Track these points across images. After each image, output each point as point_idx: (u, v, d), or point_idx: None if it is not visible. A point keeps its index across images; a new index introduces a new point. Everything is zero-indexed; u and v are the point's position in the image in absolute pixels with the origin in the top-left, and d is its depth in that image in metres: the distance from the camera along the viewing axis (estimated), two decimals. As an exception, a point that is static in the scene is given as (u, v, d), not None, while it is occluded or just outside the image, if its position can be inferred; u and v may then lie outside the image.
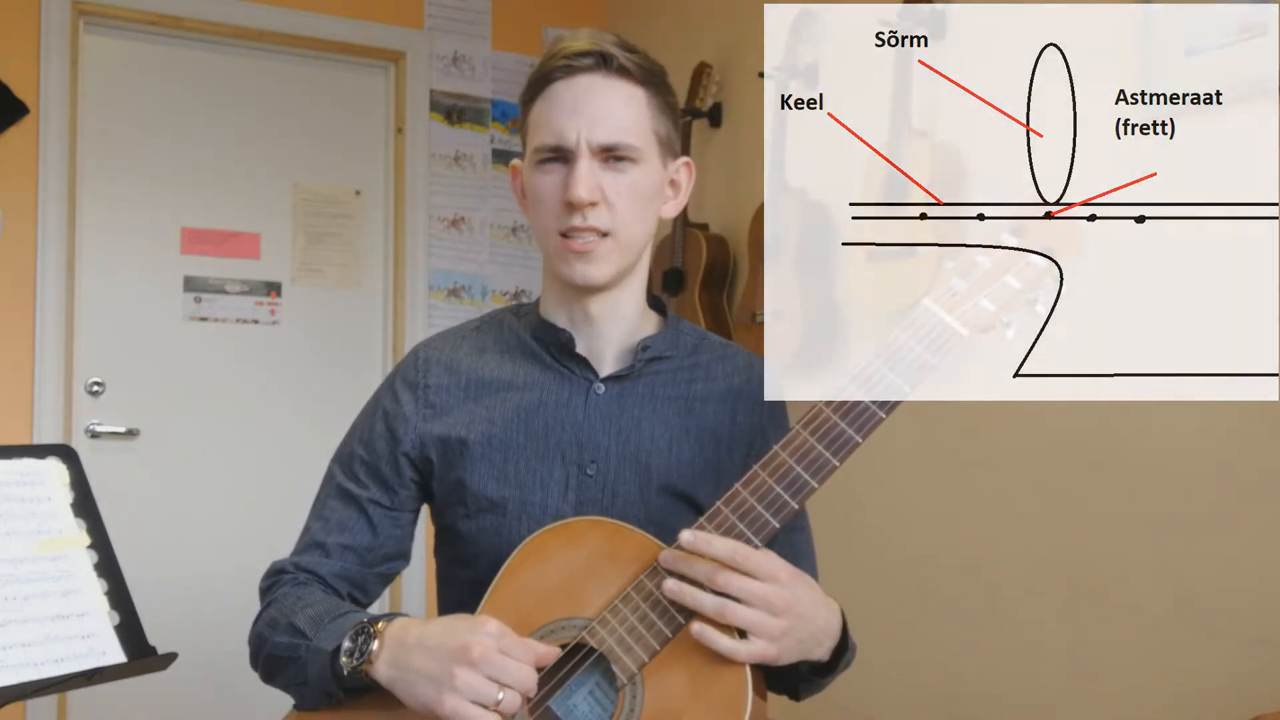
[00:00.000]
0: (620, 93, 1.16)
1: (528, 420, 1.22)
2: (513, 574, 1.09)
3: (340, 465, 1.28)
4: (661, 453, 1.21)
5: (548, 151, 1.17)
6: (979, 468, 2.30)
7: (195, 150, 3.32)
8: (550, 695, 1.06)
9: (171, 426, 3.24)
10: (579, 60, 1.16)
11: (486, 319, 1.33)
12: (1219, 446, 1.87)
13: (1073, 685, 2.08)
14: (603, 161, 1.16)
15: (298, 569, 1.22)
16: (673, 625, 1.02)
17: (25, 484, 1.14)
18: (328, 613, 1.11)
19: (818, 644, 1.07)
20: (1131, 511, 2.00)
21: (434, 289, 3.54)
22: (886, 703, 2.44)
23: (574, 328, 1.24)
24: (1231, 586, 1.84)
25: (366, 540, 1.24)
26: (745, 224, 2.91)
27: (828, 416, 1.03)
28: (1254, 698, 1.76)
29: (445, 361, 1.27)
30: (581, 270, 1.18)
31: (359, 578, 1.24)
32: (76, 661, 1.05)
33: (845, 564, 2.45)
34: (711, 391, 1.25)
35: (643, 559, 1.05)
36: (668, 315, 1.30)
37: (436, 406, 1.24)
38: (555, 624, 1.06)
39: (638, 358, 1.23)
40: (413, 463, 1.25)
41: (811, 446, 1.02)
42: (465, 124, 3.63)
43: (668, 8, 3.48)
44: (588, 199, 1.14)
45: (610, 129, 1.15)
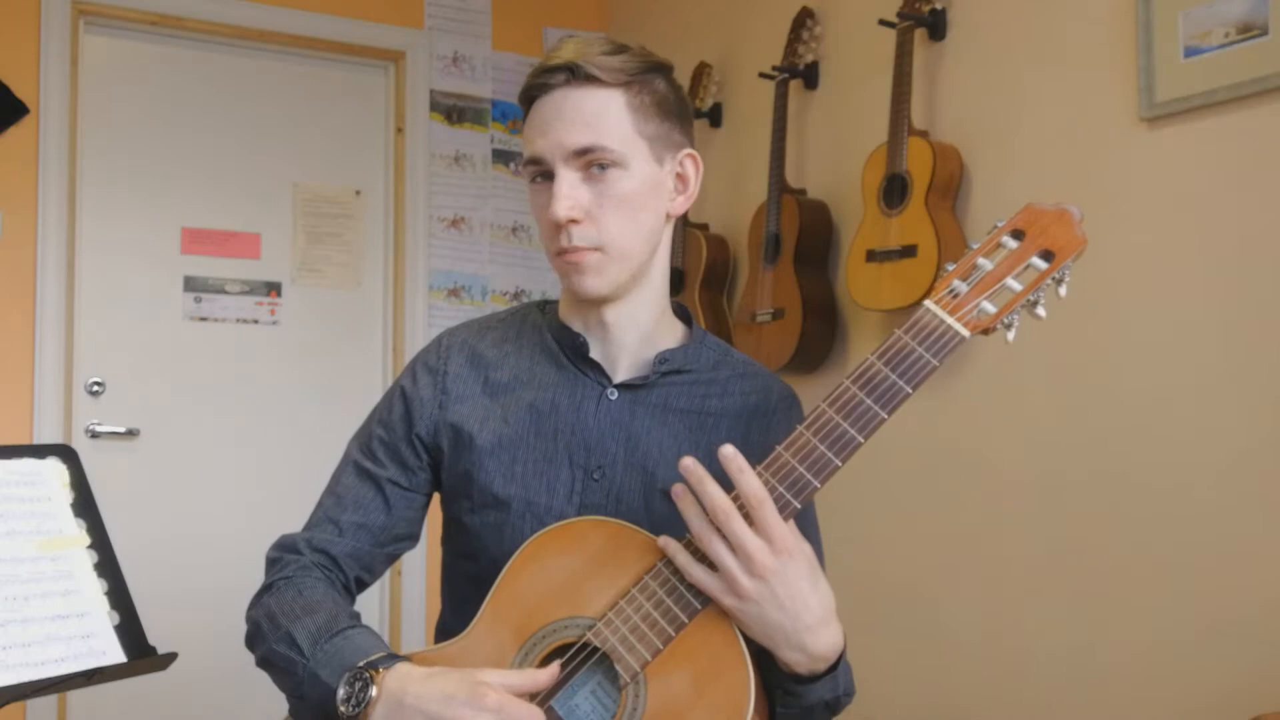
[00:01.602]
0: (592, 100, 1.15)
1: (539, 421, 1.22)
2: (516, 573, 1.09)
3: (359, 444, 1.28)
4: (668, 463, 1.20)
5: (532, 169, 1.18)
6: (979, 468, 2.30)
7: (195, 150, 3.32)
8: (552, 695, 1.06)
9: (171, 426, 3.24)
10: (552, 76, 1.16)
11: (514, 311, 1.33)
12: (1219, 447, 1.87)
13: (1073, 685, 2.08)
14: (584, 170, 1.15)
15: (310, 548, 1.22)
16: (676, 624, 1.02)
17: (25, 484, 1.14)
18: (326, 628, 1.11)
19: (788, 640, 1.02)
20: (1132, 512, 2.00)
21: (434, 289, 3.54)
22: (887, 703, 2.43)
23: (589, 333, 1.24)
24: (1232, 587, 1.84)
25: (381, 519, 1.24)
26: (745, 224, 2.91)
27: (830, 417, 1.03)
28: (1254, 698, 1.76)
29: (467, 352, 1.27)
30: (579, 282, 1.17)
31: (368, 558, 1.24)
32: (76, 661, 1.05)
33: (845, 565, 2.45)
34: (726, 408, 1.24)
35: (646, 559, 1.05)
36: (693, 327, 1.30)
37: (453, 394, 1.25)
38: (558, 623, 1.06)
39: (655, 369, 1.22)
40: (425, 447, 1.25)
41: (814, 446, 1.02)
42: (465, 124, 3.63)
43: (668, 8, 3.48)
44: (566, 216, 1.13)
45: (580, 135, 1.14)
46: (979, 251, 1.07)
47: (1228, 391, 1.86)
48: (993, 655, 2.25)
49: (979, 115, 2.34)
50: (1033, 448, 2.19)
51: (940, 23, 2.42)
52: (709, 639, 1.03)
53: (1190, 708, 1.87)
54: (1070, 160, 2.14)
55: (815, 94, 2.82)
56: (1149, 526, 1.97)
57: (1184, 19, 1.91)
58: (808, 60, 2.80)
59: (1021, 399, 2.20)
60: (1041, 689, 2.14)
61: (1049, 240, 1.06)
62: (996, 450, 2.26)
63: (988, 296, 1.05)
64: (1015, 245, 1.07)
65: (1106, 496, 2.04)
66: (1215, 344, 1.88)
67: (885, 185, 2.39)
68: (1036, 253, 1.06)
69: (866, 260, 2.42)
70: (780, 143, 2.74)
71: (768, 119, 2.80)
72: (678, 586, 1.03)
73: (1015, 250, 1.07)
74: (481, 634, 1.08)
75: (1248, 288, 1.84)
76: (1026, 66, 2.23)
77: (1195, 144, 1.92)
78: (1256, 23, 1.81)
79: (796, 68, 2.78)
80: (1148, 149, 2.00)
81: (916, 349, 1.03)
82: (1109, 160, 2.06)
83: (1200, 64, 1.89)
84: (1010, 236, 1.08)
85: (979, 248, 1.07)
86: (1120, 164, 2.04)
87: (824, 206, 2.71)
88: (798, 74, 2.79)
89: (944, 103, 2.42)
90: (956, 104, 2.40)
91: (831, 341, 2.67)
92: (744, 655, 1.02)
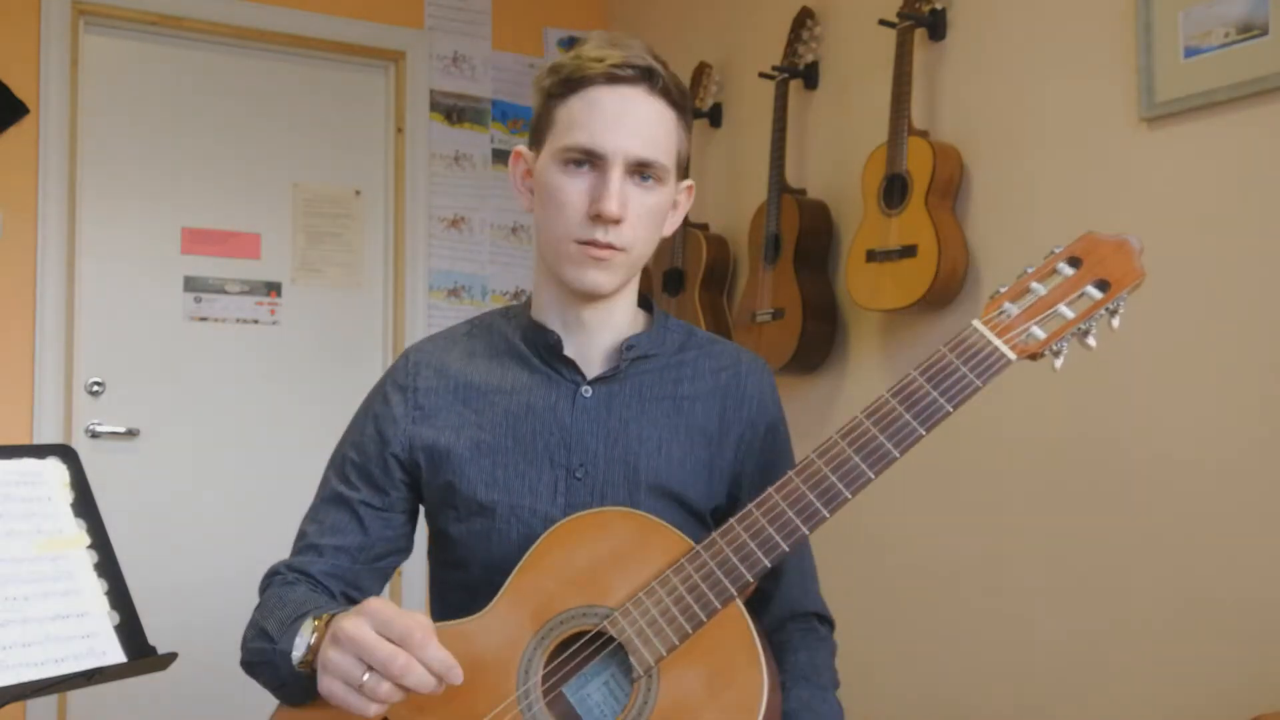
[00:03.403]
0: (662, 114, 1.17)
1: (515, 425, 1.22)
2: (539, 558, 1.09)
3: (334, 469, 1.29)
4: (650, 454, 1.21)
5: (579, 152, 1.16)
6: (981, 470, 2.30)
7: (195, 150, 3.32)
8: (565, 681, 1.06)
9: (171, 426, 3.24)
10: (625, 70, 1.15)
11: (476, 322, 1.34)
12: (1218, 448, 1.87)
13: (1073, 686, 2.08)
14: (631, 176, 1.16)
15: (289, 570, 1.24)
16: (694, 622, 1.02)
17: (25, 484, 1.14)
18: (294, 614, 1.12)
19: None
20: (1132, 513, 2.00)
21: (434, 289, 3.54)
22: (886, 704, 2.44)
23: (565, 331, 1.24)
24: (1232, 587, 1.84)
25: (357, 540, 1.25)
26: (745, 224, 2.91)
27: (867, 429, 1.02)
28: (1254, 698, 1.76)
29: (435, 365, 1.27)
30: (594, 278, 1.18)
31: (351, 575, 1.25)
32: (76, 661, 1.05)
33: (845, 565, 2.45)
34: (699, 390, 1.25)
35: (670, 553, 1.05)
36: (654, 312, 1.31)
37: (425, 409, 1.25)
38: (576, 610, 1.06)
39: (623, 357, 1.23)
40: (401, 464, 1.25)
41: (849, 458, 1.02)
42: (465, 124, 3.63)
43: (668, 8, 3.48)
44: (619, 215, 1.14)
45: (647, 145, 1.15)
46: (1033, 276, 1.06)
47: (1228, 391, 1.86)
48: (992, 655, 2.24)
49: (979, 115, 2.34)
50: (1033, 447, 2.19)
51: (940, 23, 2.42)
52: (725, 638, 1.02)
53: (1190, 707, 1.87)
54: (1070, 160, 2.14)
55: (815, 94, 2.82)
56: (1149, 526, 1.97)
57: (1184, 19, 1.91)
58: (808, 60, 2.80)
59: (1021, 398, 2.20)
60: (1041, 689, 2.14)
61: (1106, 270, 1.05)
62: (997, 450, 2.26)
63: (1038, 321, 1.04)
64: (1071, 272, 1.06)
65: (1107, 495, 2.04)
66: (1215, 343, 1.88)
67: (885, 185, 2.39)
68: (1092, 281, 1.05)
69: (866, 260, 2.42)
70: (780, 143, 2.74)
71: (768, 119, 2.80)
72: (699, 584, 1.03)
73: (1071, 277, 1.05)
74: (501, 613, 1.08)
75: (1248, 287, 1.84)
76: (1027, 66, 2.23)
77: (1195, 144, 1.92)
78: (1256, 23, 1.81)
79: (796, 68, 2.78)
80: (1148, 149, 2.00)
81: (960, 368, 1.02)
82: (1109, 160, 2.06)
83: (1200, 64, 1.89)
84: (1066, 263, 1.06)
85: (1034, 272, 1.06)
86: (1120, 164, 2.04)
87: (824, 206, 2.71)
88: (798, 74, 2.79)
89: (944, 103, 2.42)
90: (956, 104, 2.40)
91: (831, 342, 2.67)
92: (759, 656, 1.02)
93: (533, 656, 1.06)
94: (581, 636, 1.05)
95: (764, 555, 1.03)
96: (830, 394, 2.69)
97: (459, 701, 1.04)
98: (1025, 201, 2.21)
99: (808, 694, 1.16)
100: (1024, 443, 2.21)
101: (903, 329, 2.50)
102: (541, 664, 1.05)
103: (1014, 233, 2.26)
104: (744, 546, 1.03)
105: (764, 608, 1.25)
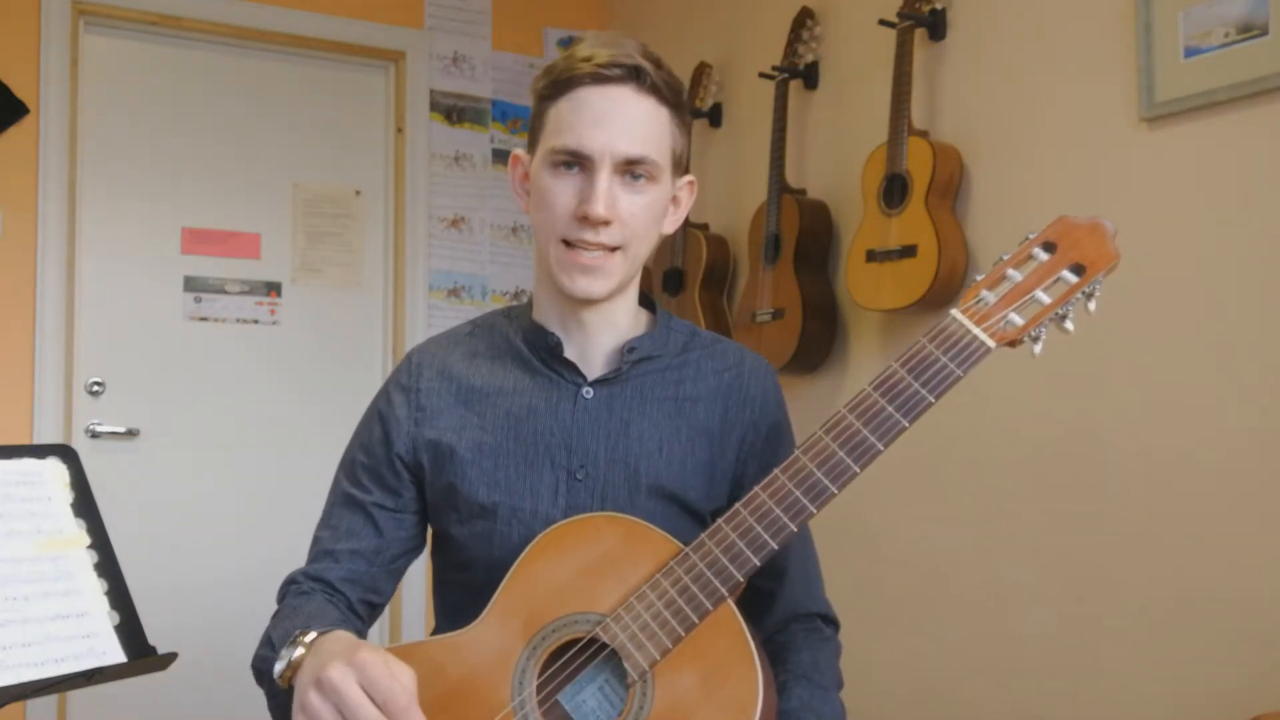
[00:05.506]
0: (652, 112, 1.16)
1: (517, 426, 1.22)
2: (527, 567, 1.09)
3: (344, 472, 1.29)
4: (651, 455, 1.20)
5: (566, 154, 1.15)
6: (978, 470, 2.30)
7: (195, 150, 3.32)
8: (560, 690, 1.06)
9: (171, 426, 3.24)
10: (611, 70, 1.14)
11: (479, 323, 1.33)
12: (1218, 448, 1.87)
13: (1073, 686, 2.08)
14: (621, 176, 1.16)
15: (306, 578, 1.23)
16: (686, 624, 1.02)
17: (25, 484, 1.14)
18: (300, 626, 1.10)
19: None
20: (1131, 513, 2.00)
21: (434, 289, 3.54)
22: (886, 704, 2.44)
23: (565, 332, 1.24)
24: (1231, 588, 1.84)
25: (373, 543, 1.25)
26: (745, 224, 2.91)
27: (850, 423, 1.02)
28: (1254, 698, 1.76)
29: (438, 366, 1.27)
30: (584, 284, 1.17)
31: (368, 579, 1.24)
32: (76, 661, 1.05)
33: (844, 566, 2.45)
34: (701, 391, 1.25)
35: (659, 557, 1.05)
36: (658, 313, 1.30)
37: (428, 410, 1.25)
38: (568, 618, 1.06)
39: (624, 359, 1.23)
40: (406, 465, 1.25)
41: (833, 452, 1.02)
42: (465, 124, 3.63)
43: (668, 8, 3.48)
44: (605, 216, 1.14)
45: (635, 143, 1.15)
46: (1009, 263, 1.06)
47: (1227, 391, 1.86)
48: (985, 652, 2.24)
49: (979, 115, 2.34)
50: (1032, 447, 2.19)
51: (940, 23, 2.42)
52: (718, 639, 1.02)
53: (1189, 707, 1.87)
54: (1070, 160, 2.14)
55: (815, 94, 2.82)
56: (1145, 523, 1.97)
57: (1184, 19, 1.91)
58: (808, 60, 2.79)
59: (1020, 397, 2.20)
60: (1041, 689, 2.14)
61: (1081, 254, 1.05)
62: (996, 450, 2.26)
63: (1016, 308, 1.04)
64: (1046, 257, 1.06)
65: (1106, 495, 2.04)
66: (1215, 343, 1.88)
67: (885, 185, 2.39)
68: (1068, 266, 1.05)
69: (866, 260, 2.42)
70: (780, 143, 2.74)
71: (768, 119, 2.80)
72: (690, 586, 1.03)
73: (1046, 262, 1.05)
74: (492, 624, 1.08)
75: (1247, 287, 1.84)
76: (1027, 66, 2.23)
77: (1195, 144, 1.92)
78: (1256, 23, 1.81)
79: (796, 68, 2.78)
80: (1148, 149, 2.00)
81: (940, 358, 1.02)
82: (1109, 160, 2.06)
83: (1200, 64, 1.89)
84: (1041, 248, 1.06)
85: (1009, 259, 1.06)
86: (1120, 164, 2.04)
87: (824, 206, 2.71)
88: (798, 74, 2.79)
89: (944, 103, 2.42)
90: (956, 104, 2.40)
91: (831, 342, 2.67)
92: (753, 656, 1.02)
93: (526, 666, 1.05)
94: (574, 644, 1.05)
95: (753, 554, 1.02)
96: (830, 394, 2.69)
97: (454, 715, 1.04)
98: (1025, 201, 2.21)
99: (809, 693, 1.16)
100: (1020, 440, 2.21)
101: (903, 329, 2.50)
102: (535, 673, 1.05)
103: (1014, 233, 2.24)
104: (733, 546, 1.03)
105: (768, 608, 1.25)
